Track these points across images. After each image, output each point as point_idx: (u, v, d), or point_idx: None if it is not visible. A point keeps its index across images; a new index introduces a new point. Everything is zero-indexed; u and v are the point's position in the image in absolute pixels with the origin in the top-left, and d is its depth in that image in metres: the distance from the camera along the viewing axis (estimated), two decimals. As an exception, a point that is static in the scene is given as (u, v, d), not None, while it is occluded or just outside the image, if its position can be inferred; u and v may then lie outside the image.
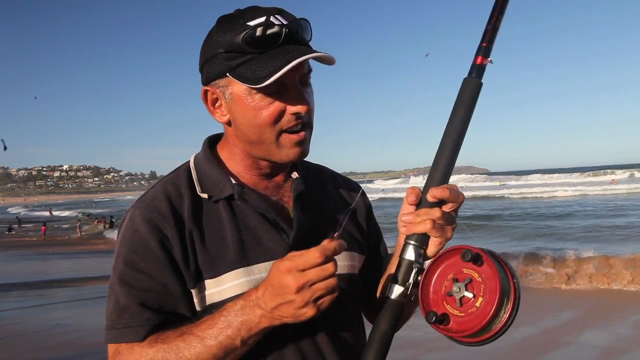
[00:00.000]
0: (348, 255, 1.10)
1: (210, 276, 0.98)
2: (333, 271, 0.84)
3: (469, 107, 0.94)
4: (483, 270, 0.84)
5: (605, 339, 5.71)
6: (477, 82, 0.94)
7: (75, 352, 5.69)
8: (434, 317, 0.85)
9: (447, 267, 0.89)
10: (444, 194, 0.91)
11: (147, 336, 0.93)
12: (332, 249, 0.85)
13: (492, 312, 0.80)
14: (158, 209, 0.99)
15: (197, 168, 1.08)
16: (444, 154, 0.94)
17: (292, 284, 0.83)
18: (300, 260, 0.84)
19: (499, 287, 0.80)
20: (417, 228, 0.92)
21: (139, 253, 0.97)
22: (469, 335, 0.82)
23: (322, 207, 1.13)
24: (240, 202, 1.03)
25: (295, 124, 0.99)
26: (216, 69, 0.99)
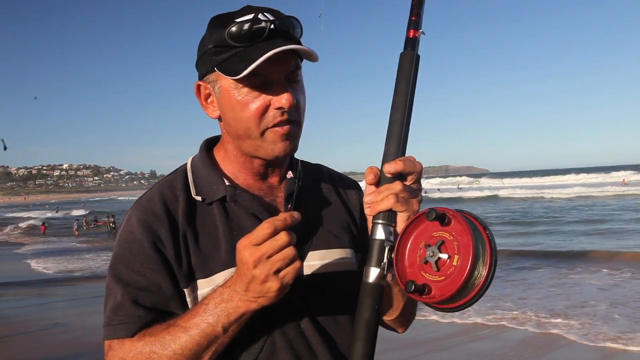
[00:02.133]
0: (342, 251, 1.10)
1: (203, 276, 1.00)
2: (286, 240, 0.84)
3: (410, 79, 0.95)
4: (453, 228, 0.81)
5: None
6: (413, 54, 0.95)
7: (75, 352, 5.69)
8: (413, 286, 0.81)
9: (417, 236, 0.86)
10: (399, 166, 0.90)
11: (137, 332, 0.96)
12: (281, 219, 0.85)
13: (469, 264, 0.77)
14: (153, 211, 1.02)
15: (193, 170, 1.10)
16: (394, 128, 0.94)
17: (248, 259, 0.84)
18: (253, 234, 0.85)
19: (472, 240, 0.78)
20: (380, 206, 0.90)
21: (133, 254, 1.00)
22: (453, 296, 0.79)
23: (316, 206, 1.13)
24: (233, 203, 1.05)
25: (280, 120, 1.00)
26: (207, 65, 1.03)
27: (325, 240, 1.09)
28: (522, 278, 8.99)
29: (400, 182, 0.91)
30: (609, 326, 5.95)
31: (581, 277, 8.85)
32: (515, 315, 6.62)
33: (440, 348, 5.48)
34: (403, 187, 0.90)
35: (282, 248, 0.84)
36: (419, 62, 0.97)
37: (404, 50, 0.97)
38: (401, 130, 0.94)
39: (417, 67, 0.96)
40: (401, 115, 0.94)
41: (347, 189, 1.22)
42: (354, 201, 1.21)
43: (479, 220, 0.83)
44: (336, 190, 1.20)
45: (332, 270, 1.06)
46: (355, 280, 1.11)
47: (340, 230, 1.12)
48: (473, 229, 0.80)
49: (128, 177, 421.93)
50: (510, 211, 23.77)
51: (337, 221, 1.13)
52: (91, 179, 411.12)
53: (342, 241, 1.11)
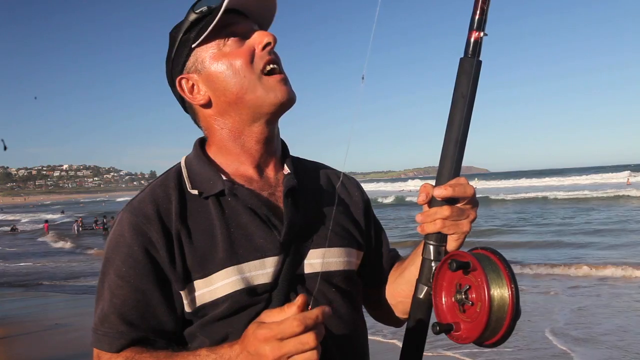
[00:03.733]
0: (344, 251, 1.09)
1: (200, 276, 0.97)
2: (313, 345, 0.76)
3: (470, 91, 0.86)
4: (477, 275, 0.82)
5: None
6: (475, 61, 0.86)
7: (75, 352, 5.69)
8: (437, 328, 0.86)
9: (451, 275, 0.88)
10: (447, 192, 0.90)
11: (122, 349, 0.95)
12: (313, 317, 0.77)
13: (485, 319, 0.80)
14: (144, 213, 0.99)
15: (188, 167, 1.08)
16: (449, 147, 0.89)
17: (268, 355, 0.77)
18: (278, 329, 0.76)
19: (487, 296, 0.80)
20: (428, 228, 0.92)
21: (122, 258, 0.97)
22: (480, 338, 0.83)
23: (315, 203, 1.11)
24: (231, 198, 1.02)
25: (269, 59, 1.02)
26: (183, 53, 1.05)
27: (325, 238, 1.06)
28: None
29: (448, 207, 0.90)
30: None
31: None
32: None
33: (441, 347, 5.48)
34: (451, 212, 0.90)
35: (305, 351, 0.76)
36: (480, 70, 0.85)
37: (464, 55, 0.86)
38: (458, 149, 0.89)
39: (478, 78, 0.86)
40: (458, 132, 0.88)
41: (347, 187, 1.21)
42: (355, 198, 1.20)
43: (494, 253, 0.84)
44: (335, 188, 1.18)
45: (333, 269, 1.06)
46: (355, 278, 1.12)
47: (340, 228, 1.10)
48: (492, 284, 0.81)
49: (128, 177, 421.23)
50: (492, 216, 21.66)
51: (337, 219, 1.11)
52: (91, 179, 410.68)
53: (342, 239, 1.09)
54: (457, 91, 0.87)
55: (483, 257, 0.84)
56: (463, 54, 0.86)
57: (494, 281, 0.81)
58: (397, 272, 1.15)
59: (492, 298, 0.80)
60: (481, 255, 0.84)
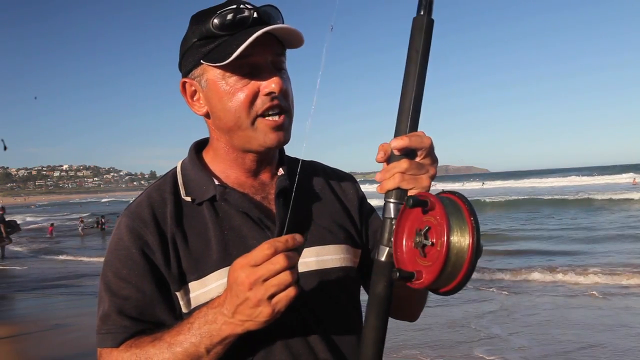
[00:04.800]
0: (339, 248, 1.09)
1: (195, 278, 0.99)
2: (284, 265, 0.81)
3: (424, 49, 0.87)
4: (436, 213, 0.78)
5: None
6: (427, 20, 0.88)
7: (75, 352, 5.69)
8: (398, 274, 0.80)
9: (412, 221, 0.83)
10: (404, 142, 0.86)
11: (123, 342, 0.98)
12: (283, 241, 0.82)
13: (443, 258, 0.75)
14: (140, 216, 1.02)
15: (182, 172, 1.10)
16: (405, 102, 0.88)
17: (244, 280, 0.82)
18: (251, 255, 0.82)
19: (446, 220, 0.75)
20: (388, 184, 0.87)
21: (121, 260, 1.00)
22: (437, 280, 0.77)
23: (309, 202, 1.12)
24: (223, 202, 1.04)
25: (270, 106, 1.00)
26: (192, 60, 1.03)
27: (319, 236, 1.08)
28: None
29: (406, 160, 0.87)
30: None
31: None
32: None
33: (441, 348, 5.48)
34: (409, 165, 0.87)
35: (279, 272, 0.81)
36: (433, 28, 0.88)
37: (417, 14, 0.88)
38: (412, 104, 0.88)
39: (431, 34, 0.88)
40: (412, 88, 0.88)
41: (342, 184, 1.21)
42: (350, 195, 1.20)
43: (459, 196, 0.80)
44: (330, 186, 1.19)
45: (328, 266, 1.06)
46: (352, 275, 1.12)
47: (335, 226, 1.11)
48: (449, 209, 0.77)
49: (128, 177, 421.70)
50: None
51: (331, 217, 1.13)
52: (91, 179, 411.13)
53: (337, 237, 1.10)
54: (412, 48, 0.88)
55: (445, 198, 0.80)
56: (416, 13, 0.89)
57: (454, 220, 0.76)
58: None
59: (451, 240, 0.75)
60: (443, 196, 0.81)
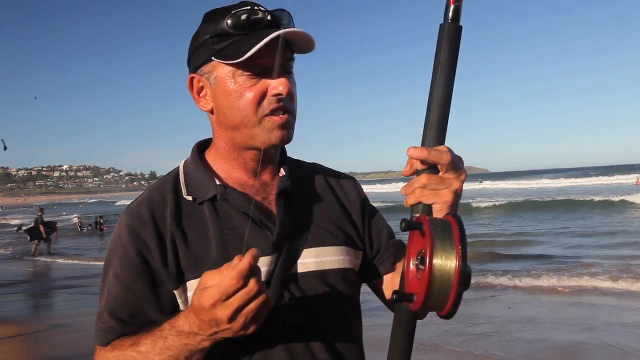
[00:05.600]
0: (339, 249, 1.09)
1: (194, 277, 1.00)
2: (257, 289, 0.80)
3: (452, 58, 0.84)
4: (427, 239, 0.77)
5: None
6: (455, 27, 0.84)
7: (75, 352, 5.69)
8: (395, 296, 0.80)
9: (416, 242, 0.84)
10: (418, 154, 0.84)
11: (110, 342, 1.01)
12: (246, 266, 0.79)
13: (426, 284, 0.74)
14: (140, 216, 1.03)
15: (185, 172, 1.11)
16: (432, 117, 0.85)
17: (222, 317, 0.81)
18: (219, 291, 0.80)
19: (430, 259, 0.74)
20: (409, 199, 0.87)
21: (119, 258, 1.02)
22: (425, 304, 0.77)
23: (310, 203, 1.13)
24: (224, 202, 1.05)
25: (276, 107, 1.01)
26: (202, 56, 1.04)
27: (319, 237, 1.08)
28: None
29: (425, 175, 0.85)
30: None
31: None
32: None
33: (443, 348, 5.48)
34: (429, 179, 0.85)
35: (254, 298, 0.81)
36: (461, 36, 0.84)
37: (443, 21, 0.84)
38: (441, 119, 0.85)
39: (459, 43, 0.84)
40: (439, 99, 0.84)
41: (343, 186, 1.22)
42: (352, 197, 1.20)
43: (456, 220, 0.79)
44: (332, 187, 1.20)
45: (327, 267, 1.07)
46: (352, 277, 1.12)
47: (335, 228, 1.12)
48: (438, 232, 0.77)
49: (128, 177, 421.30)
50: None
51: (332, 219, 1.13)
52: (91, 180, 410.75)
53: (337, 238, 1.10)
54: (438, 57, 0.85)
55: (437, 220, 0.79)
56: (443, 20, 0.85)
57: (440, 245, 0.75)
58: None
59: (434, 263, 0.74)
60: (436, 219, 0.80)
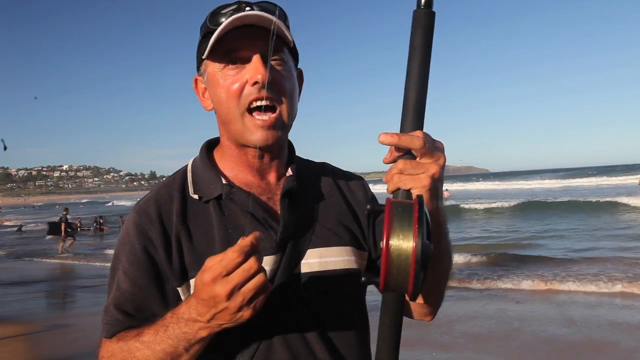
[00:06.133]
0: (344, 250, 1.09)
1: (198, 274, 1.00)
2: (256, 268, 0.81)
3: (426, 44, 0.85)
4: (386, 219, 0.77)
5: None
6: (428, 12, 0.86)
7: (76, 352, 5.70)
8: (363, 278, 0.81)
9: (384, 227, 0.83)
10: (389, 139, 0.84)
11: (115, 334, 1.02)
12: (248, 244, 0.81)
13: (383, 266, 0.74)
14: (147, 213, 1.05)
15: (193, 171, 1.13)
16: (408, 101, 0.86)
17: (220, 293, 0.81)
18: (220, 265, 0.81)
19: (386, 241, 0.74)
20: (389, 186, 0.87)
21: (126, 254, 1.04)
22: (386, 284, 0.76)
23: (316, 204, 1.13)
24: (229, 201, 1.06)
25: (257, 97, 1.00)
26: (198, 57, 1.08)
27: (324, 238, 1.08)
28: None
29: (402, 160, 0.86)
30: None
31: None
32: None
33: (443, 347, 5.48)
34: (405, 164, 0.85)
35: (253, 276, 0.82)
36: (434, 21, 0.86)
37: (416, 7, 0.86)
38: (415, 102, 0.86)
39: (432, 28, 0.86)
40: (415, 86, 0.86)
41: (351, 186, 1.21)
42: (359, 197, 1.20)
43: (419, 201, 0.77)
44: (339, 187, 1.19)
45: (331, 268, 1.07)
46: (355, 278, 1.11)
47: (340, 228, 1.11)
48: (397, 214, 0.76)
49: (128, 177, 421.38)
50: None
51: (338, 219, 1.13)
52: (91, 180, 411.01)
53: (342, 239, 1.10)
54: (413, 43, 0.86)
55: (399, 204, 0.78)
56: (415, 6, 0.87)
57: (398, 226, 0.75)
58: None
59: (390, 241, 0.74)
60: (399, 203, 0.79)
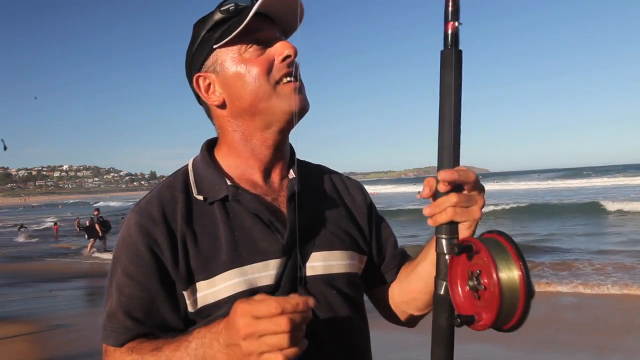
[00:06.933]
0: (347, 254, 1.10)
1: (203, 278, 0.99)
2: (285, 329, 0.77)
3: (456, 82, 0.88)
4: (483, 255, 0.80)
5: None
6: (456, 51, 0.87)
7: (76, 352, 5.70)
8: (458, 320, 0.82)
9: (462, 264, 0.86)
10: (453, 176, 0.86)
11: (126, 342, 0.97)
12: (293, 303, 0.78)
13: (497, 301, 0.77)
14: (150, 214, 1.02)
15: (195, 171, 1.10)
16: (444, 138, 0.89)
17: (241, 329, 0.79)
18: (256, 306, 0.78)
19: (496, 274, 0.77)
20: (440, 218, 0.88)
21: (130, 257, 1.00)
22: (497, 321, 0.79)
23: (319, 206, 1.13)
24: (235, 203, 1.04)
25: (287, 72, 1.02)
26: (204, 52, 1.06)
27: (328, 241, 1.08)
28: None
29: (455, 194, 0.88)
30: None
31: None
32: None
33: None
34: (459, 198, 0.88)
35: (277, 334, 0.78)
36: (462, 59, 0.88)
37: (444, 47, 0.88)
38: (454, 141, 0.88)
39: (461, 67, 0.88)
40: (451, 124, 0.88)
41: (350, 190, 1.22)
42: (358, 202, 1.20)
43: (502, 235, 0.82)
44: (338, 192, 1.20)
45: (335, 271, 1.07)
46: (356, 281, 1.13)
47: (342, 232, 1.12)
48: (493, 249, 0.79)
49: (128, 177, 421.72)
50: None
51: (339, 222, 1.13)
52: (91, 180, 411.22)
53: (344, 243, 1.10)
54: (443, 83, 0.89)
55: (487, 239, 0.82)
56: (443, 46, 0.89)
57: (501, 261, 0.78)
58: (408, 269, 1.16)
59: (500, 278, 0.77)
60: (486, 238, 0.82)
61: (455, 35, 0.87)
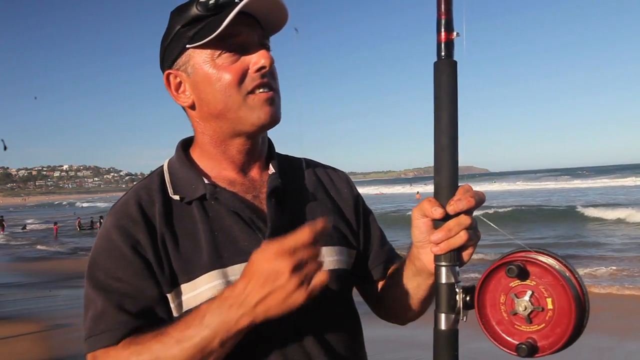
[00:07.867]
0: (335, 250, 1.06)
1: (186, 280, 0.95)
2: (320, 252, 0.81)
3: (451, 94, 0.83)
4: (541, 276, 0.76)
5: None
6: (450, 62, 0.83)
7: (76, 352, 5.69)
8: (526, 350, 0.75)
9: (495, 284, 0.80)
10: (470, 204, 0.82)
11: (121, 339, 0.91)
12: (320, 228, 0.80)
13: (573, 318, 0.72)
14: (129, 215, 0.98)
15: (170, 171, 1.06)
16: (443, 155, 0.83)
17: (285, 267, 0.78)
18: (289, 242, 0.79)
19: (559, 276, 0.73)
20: (454, 242, 0.83)
21: (114, 261, 0.95)
22: (570, 339, 0.74)
23: (302, 202, 1.08)
24: (214, 202, 1.01)
25: (260, 83, 0.98)
26: (176, 49, 1.01)
27: None
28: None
29: (466, 216, 0.83)
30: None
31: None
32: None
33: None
34: (473, 221, 0.84)
35: (315, 257, 0.80)
36: (457, 70, 0.83)
37: (437, 58, 0.83)
38: (452, 156, 0.83)
39: (456, 78, 0.83)
40: (448, 138, 0.83)
41: (336, 183, 1.17)
42: (344, 195, 1.16)
43: (552, 254, 0.78)
44: (323, 185, 1.15)
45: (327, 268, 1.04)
46: (346, 278, 1.09)
47: (331, 227, 1.06)
48: (553, 264, 0.76)
49: (128, 177, 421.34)
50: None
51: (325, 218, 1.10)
52: (91, 179, 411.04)
53: (331, 238, 1.06)
54: (436, 96, 0.84)
55: (533, 256, 0.78)
56: (436, 57, 0.84)
57: (564, 276, 0.74)
58: (395, 278, 1.10)
59: (572, 294, 0.73)
60: (536, 260, 0.77)
61: (449, 46, 0.83)
